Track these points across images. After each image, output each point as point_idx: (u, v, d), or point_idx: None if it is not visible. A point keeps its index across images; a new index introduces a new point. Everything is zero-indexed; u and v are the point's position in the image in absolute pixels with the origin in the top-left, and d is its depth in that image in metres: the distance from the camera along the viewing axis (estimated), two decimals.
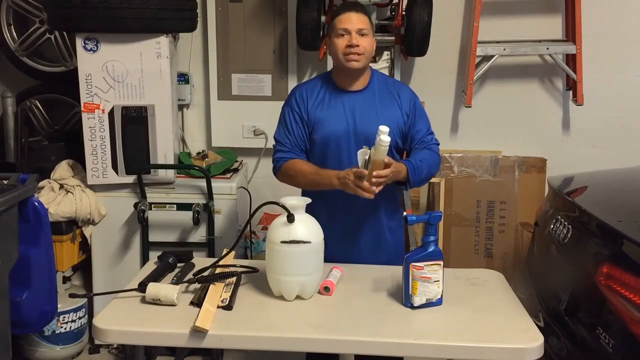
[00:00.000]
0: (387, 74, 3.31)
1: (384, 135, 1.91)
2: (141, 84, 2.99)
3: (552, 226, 2.41)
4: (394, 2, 3.24)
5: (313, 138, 2.27)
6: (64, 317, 3.05)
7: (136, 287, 1.95)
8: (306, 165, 2.24)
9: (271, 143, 3.46)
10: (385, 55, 3.33)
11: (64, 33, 3.44)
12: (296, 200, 1.95)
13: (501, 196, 3.40)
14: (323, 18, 3.20)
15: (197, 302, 1.87)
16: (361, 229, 2.31)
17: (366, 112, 2.24)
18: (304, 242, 1.89)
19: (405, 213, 3.05)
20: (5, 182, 2.33)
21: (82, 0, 2.80)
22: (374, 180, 2.00)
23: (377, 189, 2.04)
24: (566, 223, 2.29)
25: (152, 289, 1.89)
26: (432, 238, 1.88)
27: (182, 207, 3.08)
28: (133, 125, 3.03)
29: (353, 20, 2.19)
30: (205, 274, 2.03)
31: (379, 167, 1.99)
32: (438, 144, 2.33)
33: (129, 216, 3.13)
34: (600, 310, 1.95)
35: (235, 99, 3.53)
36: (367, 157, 2.01)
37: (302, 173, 2.22)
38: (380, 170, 2.00)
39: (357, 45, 2.17)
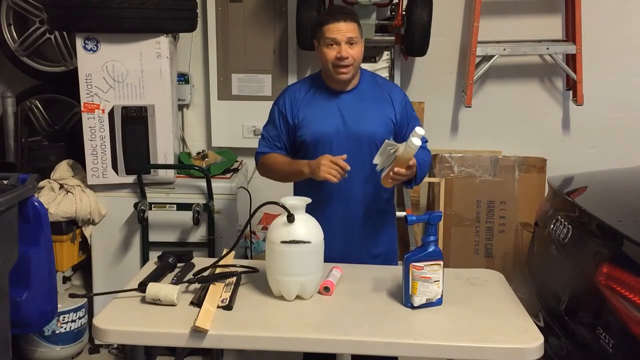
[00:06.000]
0: (387, 74, 3.31)
1: (416, 139, 1.94)
2: (141, 84, 2.99)
3: (552, 226, 2.41)
4: (394, 2, 3.24)
5: (303, 138, 2.28)
6: (64, 317, 3.05)
7: (136, 287, 1.95)
8: (281, 158, 2.30)
9: None
10: (385, 55, 3.33)
11: (64, 33, 3.44)
12: (296, 200, 1.95)
13: (501, 196, 3.40)
14: None
15: (197, 302, 1.87)
16: (353, 225, 2.32)
17: (356, 111, 2.26)
18: (304, 242, 1.89)
19: (405, 213, 3.07)
20: (5, 182, 2.33)
21: (82, 0, 2.80)
22: (391, 174, 2.03)
23: (390, 185, 2.11)
24: (566, 223, 2.29)
25: (152, 289, 1.89)
26: (432, 238, 1.88)
27: (182, 207, 3.08)
28: (133, 125, 3.03)
29: (342, 30, 2.17)
30: (205, 274, 2.03)
31: (401, 165, 2.02)
32: (427, 141, 2.37)
33: (129, 216, 3.13)
34: (600, 310, 1.95)
35: (235, 99, 3.53)
36: (392, 150, 2.02)
37: (277, 165, 2.28)
38: (401, 169, 2.02)
39: (347, 58, 2.18)
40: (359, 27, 2.24)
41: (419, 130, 1.95)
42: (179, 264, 2.18)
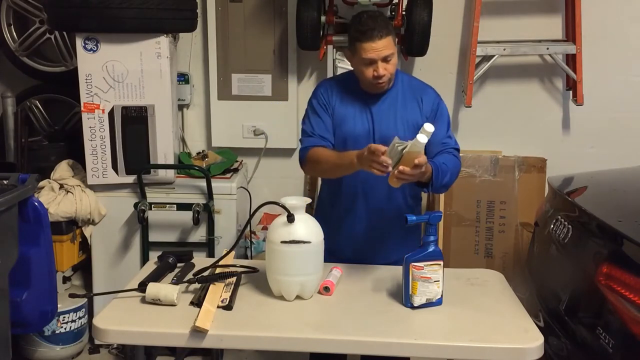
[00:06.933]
0: None
1: (422, 136, 1.87)
2: (141, 84, 2.99)
3: (552, 226, 2.41)
4: (394, 2, 3.24)
5: (335, 136, 2.27)
6: (64, 317, 3.05)
7: (136, 287, 1.95)
8: (329, 151, 2.21)
9: (271, 143, 3.48)
10: None
11: (64, 33, 3.44)
12: (296, 200, 1.95)
13: (501, 196, 3.40)
14: (323, 18, 3.20)
15: (197, 302, 1.87)
16: (378, 230, 2.30)
17: (386, 114, 2.24)
18: (304, 242, 1.89)
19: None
20: (5, 182, 2.33)
21: (82, 0, 2.80)
22: (396, 172, 1.94)
23: (397, 184, 2.00)
24: (566, 223, 2.29)
25: (152, 289, 1.89)
26: (432, 238, 1.88)
27: (182, 207, 3.08)
28: (133, 125, 3.03)
29: (379, 49, 2.12)
30: (205, 274, 2.03)
31: (407, 164, 1.93)
32: (458, 149, 2.29)
33: (129, 216, 3.13)
34: (600, 310, 1.95)
35: (235, 99, 3.53)
36: (400, 148, 1.94)
37: (326, 158, 2.19)
38: (406, 167, 1.93)
39: (384, 75, 2.15)
40: (393, 36, 2.18)
41: (427, 127, 1.88)
42: (179, 264, 2.18)
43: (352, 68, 2.29)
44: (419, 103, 2.28)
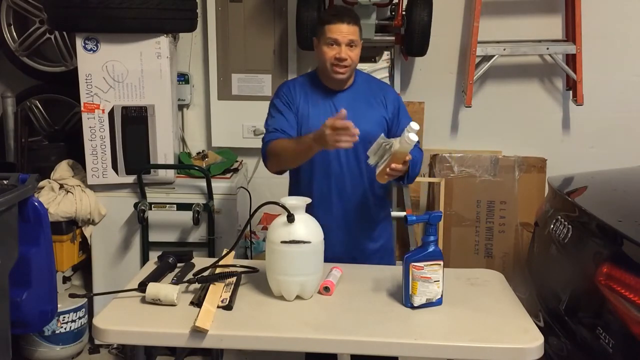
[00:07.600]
0: (387, 74, 3.31)
1: (412, 134, 1.92)
2: (141, 84, 2.99)
3: (552, 226, 2.41)
4: (394, 2, 3.24)
5: (299, 134, 2.29)
6: (64, 317, 3.06)
7: (136, 287, 1.95)
8: (286, 141, 2.24)
9: None
10: (385, 55, 3.33)
11: (64, 33, 3.44)
12: (296, 200, 1.95)
13: (501, 196, 3.40)
14: None
15: (197, 302, 1.87)
16: (350, 222, 2.33)
17: (351, 110, 2.25)
18: (304, 242, 1.89)
19: (405, 213, 3.07)
20: (5, 182, 2.33)
21: (82, 0, 2.81)
22: (388, 170, 2.01)
23: (386, 180, 2.07)
24: (566, 223, 2.29)
25: (152, 289, 1.89)
26: (432, 238, 1.88)
27: (182, 207, 3.08)
28: (133, 125, 3.03)
29: (343, 32, 2.20)
30: (205, 274, 2.03)
31: (398, 161, 2.00)
32: (418, 141, 2.35)
33: (129, 216, 3.13)
34: (600, 310, 1.95)
35: (235, 99, 3.53)
36: (387, 146, 2.00)
37: (284, 148, 2.22)
38: (397, 164, 2.00)
39: (346, 59, 2.20)
40: (360, 30, 2.26)
41: (414, 125, 1.93)
42: (179, 264, 2.18)
43: None
44: (383, 100, 2.33)
